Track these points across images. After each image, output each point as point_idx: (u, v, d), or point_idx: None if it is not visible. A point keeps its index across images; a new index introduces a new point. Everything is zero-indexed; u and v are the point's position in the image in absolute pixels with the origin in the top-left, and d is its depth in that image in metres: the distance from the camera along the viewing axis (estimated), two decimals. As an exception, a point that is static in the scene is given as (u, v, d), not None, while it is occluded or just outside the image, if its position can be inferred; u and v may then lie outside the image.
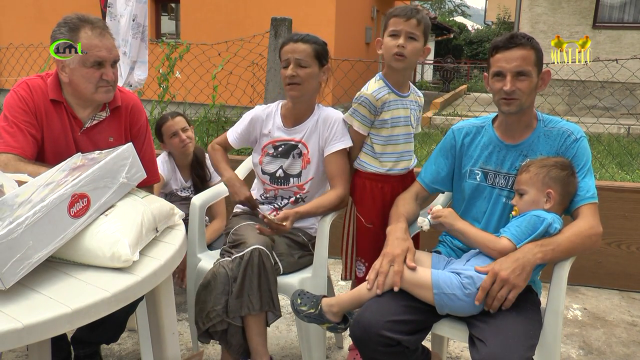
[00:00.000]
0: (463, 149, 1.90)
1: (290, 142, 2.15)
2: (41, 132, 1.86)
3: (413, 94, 2.16)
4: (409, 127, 2.14)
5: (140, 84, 3.66)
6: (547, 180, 1.68)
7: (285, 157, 2.15)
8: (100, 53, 1.78)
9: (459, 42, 25.41)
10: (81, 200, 1.35)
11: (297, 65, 2.03)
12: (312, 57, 2.05)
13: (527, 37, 1.73)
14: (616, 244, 3.18)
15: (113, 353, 2.39)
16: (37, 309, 1.14)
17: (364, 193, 2.12)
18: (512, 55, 1.71)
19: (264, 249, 1.88)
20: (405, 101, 2.12)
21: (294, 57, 2.03)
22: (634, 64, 4.44)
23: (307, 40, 2.06)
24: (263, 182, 2.21)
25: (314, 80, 2.08)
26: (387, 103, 2.05)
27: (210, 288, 1.87)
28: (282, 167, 2.16)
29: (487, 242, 1.68)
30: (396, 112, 2.07)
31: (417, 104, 2.17)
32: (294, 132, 2.15)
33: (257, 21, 8.41)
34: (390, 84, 2.06)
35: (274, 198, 2.19)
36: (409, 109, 2.13)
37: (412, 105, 2.14)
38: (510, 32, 1.78)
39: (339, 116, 2.14)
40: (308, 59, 2.04)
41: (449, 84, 17.87)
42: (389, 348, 1.56)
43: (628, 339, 2.67)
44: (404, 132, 2.13)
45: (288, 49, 2.06)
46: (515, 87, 1.70)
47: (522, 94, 1.71)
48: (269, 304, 1.88)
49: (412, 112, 2.14)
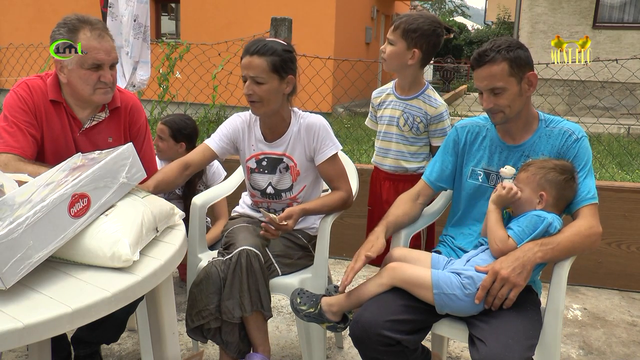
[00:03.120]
0: (466, 147, 1.90)
1: (272, 156, 2.10)
2: (41, 132, 1.86)
3: (419, 100, 2.20)
4: (395, 127, 2.23)
5: (143, 84, 3.66)
6: (542, 182, 1.68)
7: (272, 173, 2.11)
8: (99, 55, 1.78)
9: (459, 42, 25.39)
10: (81, 200, 1.35)
11: (254, 82, 1.92)
12: (268, 72, 1.91)
13: (498, 48, 1.68)
14: (616, 244, 3.18)
15: (113, 353, 2.39)
16: (38, 309, 1.14)
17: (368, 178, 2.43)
18: (482, 74, 1.71)
19: (252, 250, 1.86)
20: (400, 103, 2.22)
21: (249, 75, 1.92)
22: (634, 64, 4.44)
23: (264, 53, 1.90)
24: (253, 195, 2.18)
25: (274, 96, 1.96)
26: (383, 102, 2.30)
27: (202, 287, 1.87)
28: (272, 183, 2.11)
29: (496, 236, 1.65)
30: (385, 111, 2.28)
31: (420, 110, 2.19)
32: (276, 146, 2.10)
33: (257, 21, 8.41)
34: (395, 87, 2.28)
35: (267, 209, 2.16)
36: (399, 110, 2.21)
37: (408, 109, 2.20)
38: (483, 46, 1.72)
39: (321, 122, 2.08)
40: (264, 75, 1.91)
41: (449, 84, 17.87)
42: (388, 348, 1.56)
43: (628, 339, 2.67)
44: (395, 132, 2.24)
45: (244, 63, 1.93)
46: (492, 103, 1.72)
47: (503, 106, 1.72)
48: (257, 305, 1.87)
49: (405, 115, 2.20)
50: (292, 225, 1.94)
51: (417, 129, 2.20)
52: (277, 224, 1.90)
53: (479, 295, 1.57)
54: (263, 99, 1.94)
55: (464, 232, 1.90)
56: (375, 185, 2.38)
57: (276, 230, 1.92)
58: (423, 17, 2.09)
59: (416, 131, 2.21)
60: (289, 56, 1.97)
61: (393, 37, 2.11)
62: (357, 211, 2.73)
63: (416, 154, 2.25)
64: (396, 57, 2.12)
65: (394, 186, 2.28)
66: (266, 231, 1.91)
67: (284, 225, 1.91)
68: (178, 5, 11.77)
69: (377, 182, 2.37)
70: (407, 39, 2.08)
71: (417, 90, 2.21)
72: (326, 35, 10.68)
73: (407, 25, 2.07)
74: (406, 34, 2.08)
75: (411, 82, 2.20)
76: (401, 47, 2.10)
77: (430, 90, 2.22)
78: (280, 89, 1.97)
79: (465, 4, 38.32)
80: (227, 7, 10.99)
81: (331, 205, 2.06)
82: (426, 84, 2.23)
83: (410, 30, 2.07)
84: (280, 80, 1.96)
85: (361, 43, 13.52)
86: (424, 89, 2.21)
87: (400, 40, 2.09)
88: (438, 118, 2.20)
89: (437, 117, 2.20)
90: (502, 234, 1.65)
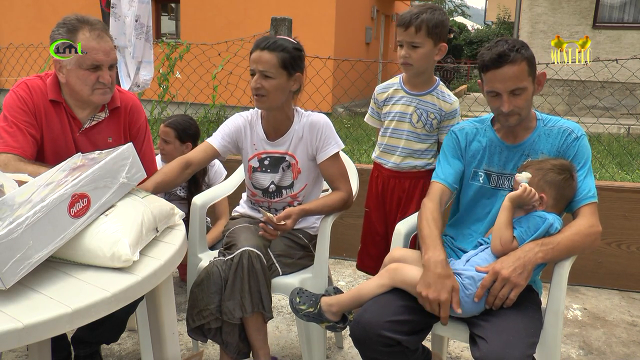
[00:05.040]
0: (465, 149, 1.90)
1: (275, 155, 2.11)
2: (41, 132, 1.86)
3: (432, 95, 2.15)
4: (408, 123, 2.16)
5: (147, 83, 3.67)
6: (541, 184, 1.67)
7: (275, 171, 2.11)
8: (98, 56, 1.78)
9: (459, 42, 25.42)
10: (81, 200, 1.35)
11: (262, 76, 1.94)
12: (277, 67, 1.94)
13: (515, 48, 1.66)
14: (616, 244, 3.18)
15: (113, 353, 2.39)
16: (38, 309, 1.14)
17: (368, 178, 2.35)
18: (504, 74, 1.66)
19: (254, 251, 1.86)
20: (413, 99, 2.15)
21: (259, 68, 1.94)
22: (634, 64, 4.44)
23: (275, 49, 1.94)
24: (254, 194, 2.18)
25: (280, 92, 1.98)
26: (390, 98, 2.22)
27: (203, 286, 1.87)
28: (274, 181, 2.11)
29: (502, 236, 1.63)
30: (395, 107, 2.20)
31: (434, 106, 2.14)
32: (278, 145, 2.10)
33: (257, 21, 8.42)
34: (403, 82, 2.21)
35: (267, 209, 2.16)
36: (412, 106, 2.15)
37: (422, 105, 2.15)
38: (497, 48, 1.67)
39: (325, 121, 2.09)
40: (273, 70, 1.93)
41: (449, 84, 17.87)
42: (389, 348, 1.56)
43: (628, 339, 2.67)
44: (406, 129, 2.17)
45: (254, 58, 1.95)
46: (512, 105, 1.69)
47: (521, 107, 1.70)
48: (258, 306, 1.87)
49: (418, 111, 2.15)
50: (291, 225, 1.93)
51: (431, 126, 2.15)
52: (275, 224, 1.89)
53: (478, 294, 1.57)
54: (269, 93, 1.96)
55: (464, 232, 1.90)
56: (375, 185, 2.31)
57: (274, 230, 1.91)
58: (432, 9, 2.03)
59: (429, 128, 2.15)
60: (298, 54, 2.00)
61: (419, 39, 2.00)
62: (357, 211, 2.72)
63: (427, 151, 2.20)
64: (426, 58, 2.05)
65: (400, 184, 2.22)
66: (265, 231, 1.90)
67: (283, 225, 1.90)
68: (178, 5, 11.77)
69: (378, 181, 2.29)
70: (433, 37, 2.02)
71: (430, 85, 2.15)
72: (326, 35, 10.68)
73: (429, 23, 1.99)
74: (431, 32, 2.01)
75: (427, 78, 2.16)
76: (429, 47, 2.03)
77: (442, 86, 2.19)
78: (287, 86, 2.00)
79: (465, 4, 38.33)
80: (227, 7, 10.99)
81: (331, 206, 2.06)
82: (437, 80, 2.19)
83: (434, 26, 2.00)
84: (288, 77, 1.98)
85: (361, 43, 13.52)
86: (437, 85, 2.17)
87: (427, 39, 2.01)
88: (452, 114, 2.16)
89: (452, 114, 2.16)
90: (509, 235, 1.63)
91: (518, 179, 1.68)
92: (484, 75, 1.72)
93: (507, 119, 1.73)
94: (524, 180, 1.66)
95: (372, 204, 2.32)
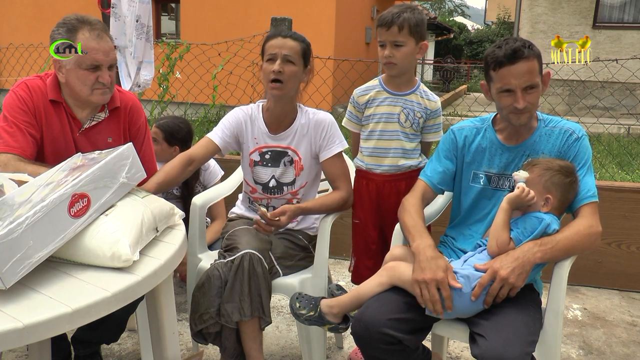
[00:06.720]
0: (464, 150, 1.89)
1: (277, 149, 2.10)
2: (40, 132, 1.86)
3: (416, 95, 2.15)
4: (396, 124, 2.14)
5: (148, 83, 3.66)
6: (548, 185, 1.66)
7: (276, 166, 2.10)
8: (97, 56, 1.78)
9: (459, 42, 25.43)
10: (81, 200, 1.35)
11: (285, 60, 1.97)
12: (299, 55, 2.01)
13: (528, 45, 1.67)
14: (616, 244, 3.18)
15: (113, 353, 2.39)
16: (38, 309, 1.14)
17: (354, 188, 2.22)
18: (519, 70, 1.65)
19: (255, 254, 1.85)
20: (398, 99, 2.15)
21: (282, 53, 1.97)
22: (634, 64, 4.45)
23: (296, 38, 2.02)
24: (254, 190, 2.17)
25: (297, 80, 2.03)
26: (372, 100, 2.17)
27: (204, 290, 1.86)
28: (275, 176, 2.11)
29: (499, 238, 1.62)
30: (380, 108, 2.16)
31: (419, 105, 2.15)
32: (280, 139, 2.10)
33: (257, 21, 8.42)
34: (384, 83, 2.17)
35: (266, 207, 2.13)
36: (398, 106, 2.15)
37: (408, 105, 2.14)
38: (510, 44, 1.67)
39: (331, 119, 2.11)
40: (296, 57, 2.00)
41: (449, 84, 17.88)
42: (390, 346, 1.56)
43: (628, 339, 2.67)
44: (391, 129, 2.15)
45: (275, 44, 1.99)
46: (526, 102, 1.68)
47: (533, 105, 1.70)
48: (258, 310, 1.85)
49: (405, 111, 2.14)
50: (285, 222, 1.91)
51: (418, 125, 2.15)
52: (268, 219, 1.87)
53: (475, 293, 1.57)
54: (289, 79, 1.99)
55: (464, 233, 1.89)
56: (367, 194, 2.19)
57: (268, 226, 1.89)
58: (411, 9, 2.05)
59: (416, 127, 2.16)
60: (310, 49, 2.09)
61: (402, 37, 2.02)
62: (357, 211, 2.72)
63: (415, 150, 2.19)
64: (409, 57, 2.06)
65: (395, 187, 2.17)
66: (258, 225, 1.89)
67: (277, 221, 1.88)
68: (178, 5, 11.76)
69: (370, 189, 2.19)
70: (415, 35, 2.04)
71: (413, 85, 2.16)
72: (326, 35, 10.68)
73: (410, 22, 2.01)
74: (413, 31, 2.03)
75: (409, 77, 2.17)
76: (412, 45, 2.05)
77: (423, 86, 2.20)
78: (302, 76, 2.06)
79: (465, 4, 38.35)
80: (227, 7, 10.98)
81: (330, 205, 2.05)
82: (418, 80, 2.21)
83: (415, 25, 2.02)
84: (304, 68, 2.05)
85: (361, 43, 13.51)
86: (418, 84, 2.18)
87: (409, 38, 2.03)
88: (437, 113, 2.19)
89: (436, 112, 2.18)
90: (505, 237, 1.63)
91: (516, 177, 1.68)
92: (496, 72, 1.69)
93: (519, 116, 1.71)
94: (521, 180, 1.66)
95: (362, 214, 2.22)
